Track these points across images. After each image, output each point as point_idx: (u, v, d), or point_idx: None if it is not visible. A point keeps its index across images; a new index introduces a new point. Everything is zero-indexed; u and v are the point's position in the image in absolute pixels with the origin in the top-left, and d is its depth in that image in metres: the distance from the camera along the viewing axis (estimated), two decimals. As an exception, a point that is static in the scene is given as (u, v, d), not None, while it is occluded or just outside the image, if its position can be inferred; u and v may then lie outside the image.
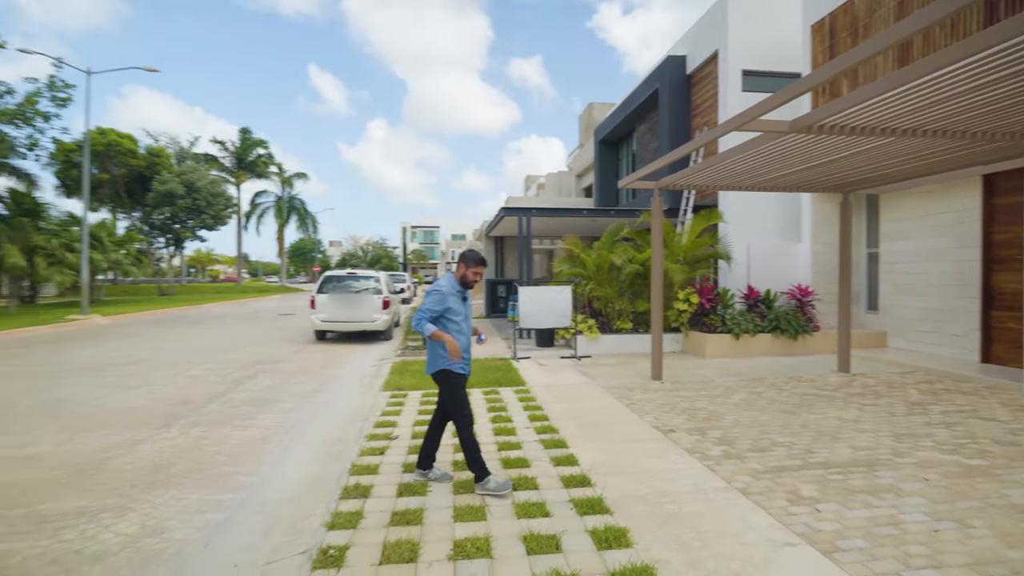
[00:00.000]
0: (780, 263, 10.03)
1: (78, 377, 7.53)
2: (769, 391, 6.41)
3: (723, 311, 9.20)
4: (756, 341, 8.94)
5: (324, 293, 11.49)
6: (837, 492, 3.45)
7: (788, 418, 5.22)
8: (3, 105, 15.42)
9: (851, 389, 6.49)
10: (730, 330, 8.88)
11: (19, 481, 3.79)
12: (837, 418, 5.20)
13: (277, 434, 5.01)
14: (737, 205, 10.80)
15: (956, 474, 3.73)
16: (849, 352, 7.53)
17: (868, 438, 4.57)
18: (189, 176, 28.25)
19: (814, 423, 5.04)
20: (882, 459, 4.05)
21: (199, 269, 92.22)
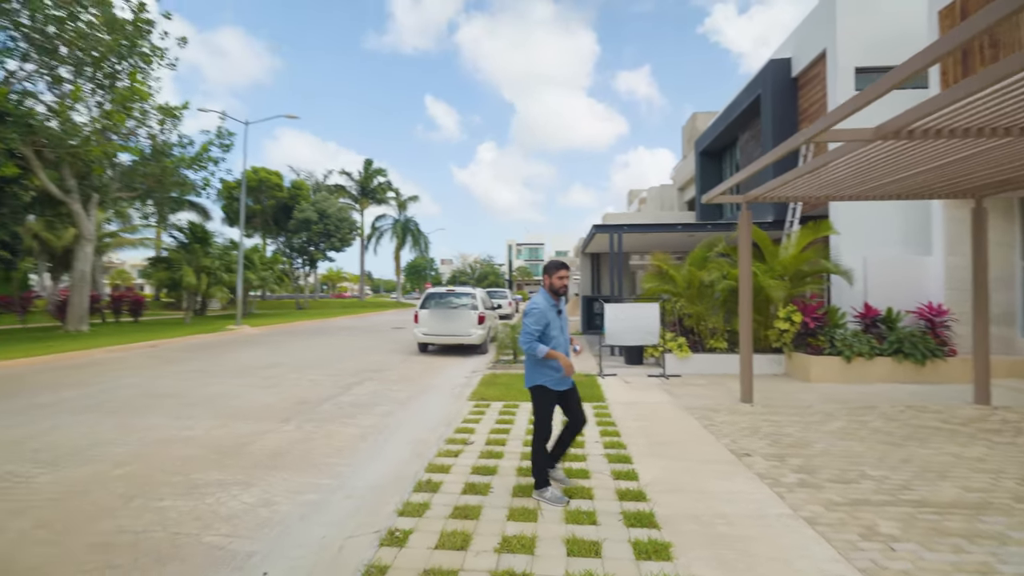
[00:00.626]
0: (905, 278, 8.94)
1: (229, 377, 9.06)
2: (877, 420, 5.80)
3: (832, 331, 8.41)
4: (873, 365, 8.04)
5: (426, 308, 12.48)
6: (923, 532, 3.14)
7: (891, 451, 4.73)
8: (186, 154, 18.96)
9: (985, 424, 5.64)
10: (840, 352, 8.10)
11: (181, 455, 4.79)
12: (954, 455, 4.60)
13: (373, 433, 5.67)
14: (851, 214, 9.85)
15: (1091, 527, 3.19)
16: (988, 381, 6.51)
17: (986, 479, 4.01)
18: (322, 204, 32.19)
19: (922, 458, 4.52)
20: (996, 503, 3.57)
21: (329, 286, 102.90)
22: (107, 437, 5.33)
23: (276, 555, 3.04)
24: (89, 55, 14.75)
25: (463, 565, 2.79)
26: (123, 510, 3.61)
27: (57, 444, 5.07)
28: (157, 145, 17.66)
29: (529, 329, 3.64)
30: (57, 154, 14.49)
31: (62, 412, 6.36)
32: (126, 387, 8.03)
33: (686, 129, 28.25)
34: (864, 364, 8.05)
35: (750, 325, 6.89)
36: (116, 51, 15.34)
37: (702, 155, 17.67)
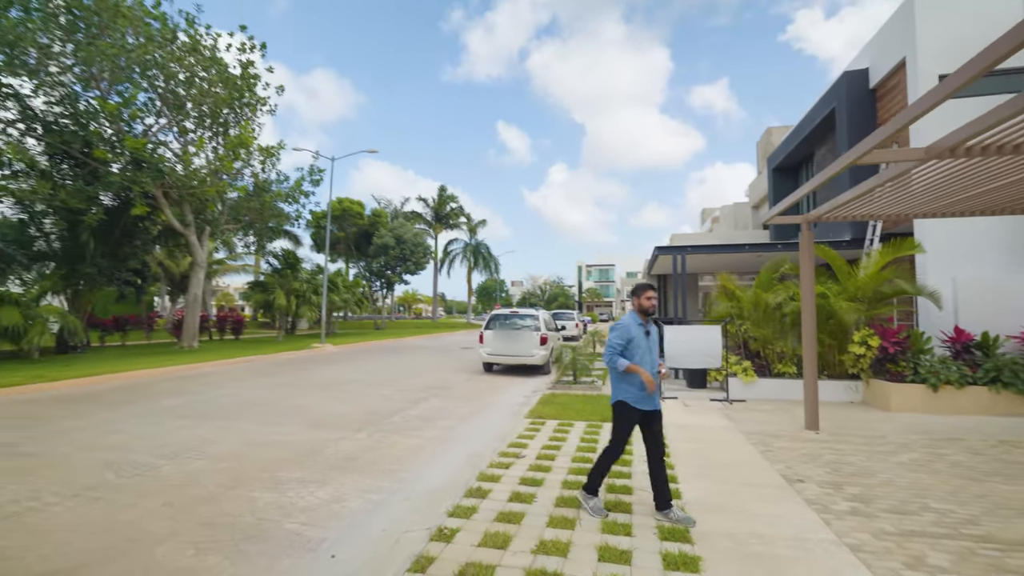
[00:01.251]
0: (1003, 300, 8.16)
1: (312, 390, 10.00)
2: (959, 454, 5.39)
3: (915, 357, 7.83)
4: (964, 395, 7.38)
5: (490, 329, 12.98)
6: (978, 568, 3.01)
7: (967, 485, 4.42)
8: (282, 189, 21.17)
9: (1092, 462, 5.06)
10: (924, 380, 7.52)
11: (269, 456, 5.48)
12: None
13: (434, 444, 6.12)
14: (941, 231, 9.16)
15: None
16: (1102, 415, 5.81)
17: (1073, 519, 3.68)
18: (398, 231, 34.28)
19: (1001, 495, 4.20)
20: (1077, 544, 3.30)
21: (406, 307, 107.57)
22: (211, 438, 6.19)
23: (343, 542, 3.50)
24: (208, 108, 17.12)
25: (500, 562, 3.08)
26: (223, 497, 4.27)
27: (175, 442, 5.98)
28: (259, 182, 19.91)
29: (611, 343, 3.78)
30: (180, 194, 16.84)
31: (177, 416, 7.42)
32: (226, 396, 9.13)
33: (761, 144, 27.20)
34: (954, 393, 7.41)
35: (814, 349, 6.65)
36: (229, 104, 17.68)
37: (775, 172, 17.03)
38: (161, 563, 3.18)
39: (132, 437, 6.17)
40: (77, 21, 14.39)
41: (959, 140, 3.78)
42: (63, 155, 15.48)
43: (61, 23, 14.31)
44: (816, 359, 6.68)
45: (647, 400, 3.78)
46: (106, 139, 15.31)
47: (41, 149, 15.39)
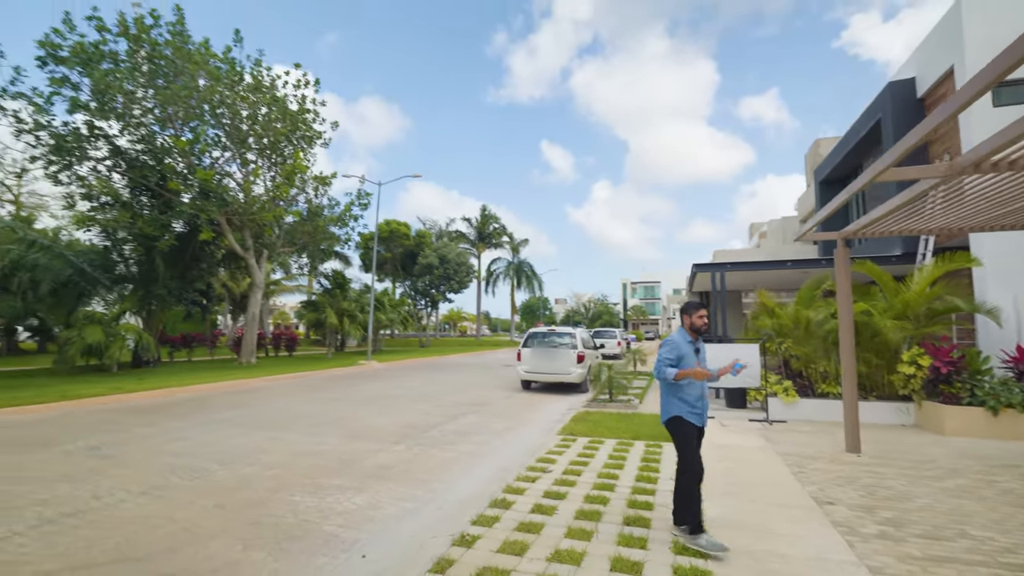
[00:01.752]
0: (1073, 317, 7.59)
1: (356, 404, 10.49)
2: (1013, 481, 5.09)
3: (972, 378, 7.40)
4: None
5: (528, 347, 13.16)
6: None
7: (1015, 513, 4.21)
8: (333, 214, 22.38)
9: None
10: (983, 402, 7.09)
11: (311, 464, 5.88)
12: (1100, 523, 3.96)
13: (466, 458, 6.34)
14: (1000, 244, 8.67)
15: None
16: None
17: None
18: (442, 251, 35.25)
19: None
20: None
21: (451, 325, 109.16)
22: (261, 447, 6.68)
23: (374, 544, 3.77)
24: (269, 141, 18.51)
25: (516, 567, 3.25)
26: (270, 500, 4.65)
27: (229, 449, 6.50)
28: (312, 208, 21.17)
29: (662, 358, 3.76)
30: (241, 220, 18.18)
31: (232, 426, 8.02)
32: (276, 409, 9.74)
33: (809, 157, 26.32)
34: (1016, 417, 6.93)
35: (853, 368, 6.45)
36: (287, 137, 19.05)
37: (822, 184, 16.51)
38: (213, 556, 3.55)
39: (193, 444, 6.75)
40: (157, 69, 16.02)
41: (982, 156, 3.73)
42: (142, 188, 17.13)
43: (144, 71, 15.99)
44: (855, 379, 6.47)
45: (699, 416, 3.74)
46: (178, 172, 16.83)
47: (124, 183, 17.09)
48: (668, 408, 3.80)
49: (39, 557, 3.48)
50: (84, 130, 15.83)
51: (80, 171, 16.15)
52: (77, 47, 14.67)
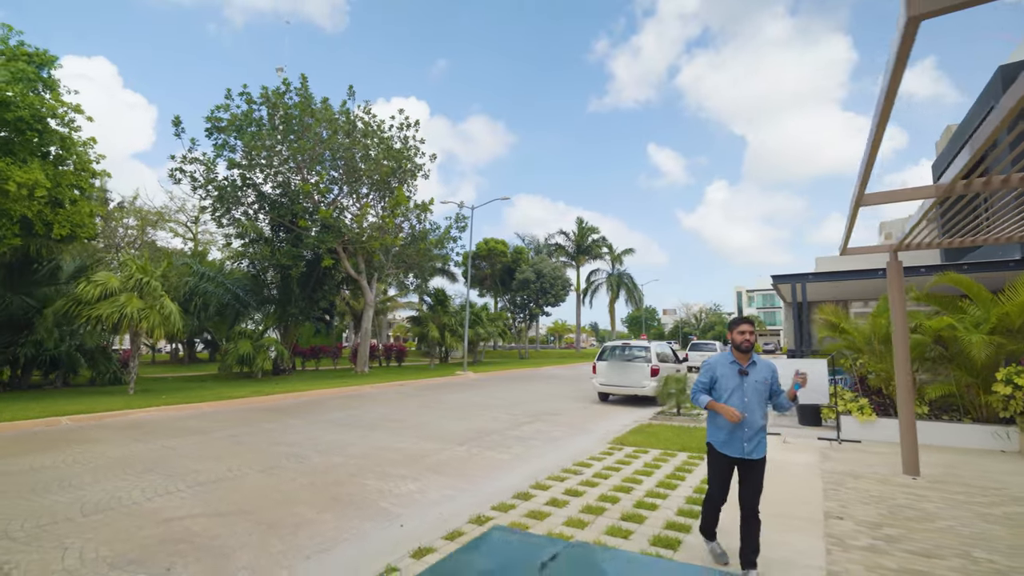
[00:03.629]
0: None
1: (440, 410, 11.79)
2: (1085, 513, 4.65)
3: (1082, 400, 6.53)
4: None
5: (603, 361, 13.59)
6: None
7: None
8: (434, 237, 24.63)
9: None
10: (1093, 428, 6.26)
11: (386, 458, 7.09)
12: None
13: (516, 460, 7.15)
14: None
15: None
16: None
17: None
18: (539, 265, 36.47)
19: (1084, 554, 3.75)
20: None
21: (557, 337, 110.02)
22: (352, 442, 8.10)
23: (411, 517, 4.75)
24: (377, 177, 21.18)
25: (509, 541, 4.00)
26: (347, 482, 5.88)
27: (327, 443, 8.01)
28: (415, 233, 23.56)
29: (697, 381, 3.73)
30: (355, 248, 20.95)
31: (335, 424, 9.66)
32: (373, 413, 11.35)
33: (940, 145, 23.16)
34: None
35: (909, 386, 6.17)
36: (392, 172, 21.61)
37: (941, 181, 14.74)
38: (298, 515, 4.78)
39: (302, 437, 8.39)
40: (289, 127, 19.31)
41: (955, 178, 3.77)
42: (279, 225, 20.59)
43: (280, 129, 19.39)
44: (912, 396, 6.17)
45: (732, 446, 3.49)
46: (306, 210, 19.98)
47: (266, 222, 20.70)
48: (708, 433, 3.74)
49: (189, 505, 4.98)
50: (239, 182, 19.59)
51: (235, 214, 19.95)
52: (233, 118, 18.36)
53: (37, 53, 11.86)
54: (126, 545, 4.02)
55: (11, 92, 10.67)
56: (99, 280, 12.00)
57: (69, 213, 12.50)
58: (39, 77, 11.74)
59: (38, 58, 11.84)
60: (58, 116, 12.11)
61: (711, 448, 3.66)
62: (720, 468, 3.60)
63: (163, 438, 8.17)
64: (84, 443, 7.68)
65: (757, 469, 3.51)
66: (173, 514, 4.73)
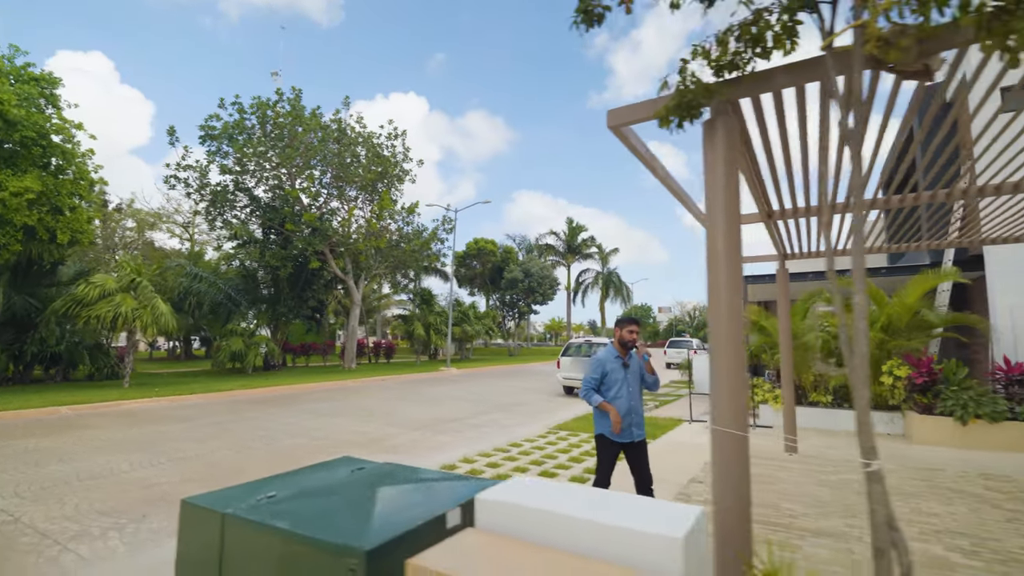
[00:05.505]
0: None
1: (412, 402, 12.80)
2: (898, 480, 5.65)
3: (942, 388, 7.51)
4: (999, 430, 6.95)
5: (567, 356, 14.60)
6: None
7: (841, 497, 4.98)
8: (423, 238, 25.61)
9: None
10: (952, 412, 7.25)
11: (347, 440, 8.08)
12: (913, 508, 4.65)
13: (462, 442, 8.14)
14: (1009, 255, 8.43)
15: None
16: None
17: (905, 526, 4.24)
18: (527, 265, 37.50)
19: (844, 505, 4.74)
20: (834, 531, 4.01)
21: (553, 335, 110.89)
22: (321, 428, 9.11)
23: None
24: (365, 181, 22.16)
25: (420, 497, 5.01)
26: (303, 458, 6.86)
27: (300, 428, 9.01)
28: (401, 235, 24.56)
29: (587, 378, 3.84)
30: (342, 250, 21.96)
31: (310, 413, 10.68)
32: (350, 404, 12.36)
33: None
34: (986, 428, 7.02)
35: (791, 377, 7.15)
36: (379, 176, 22.58)
37: None
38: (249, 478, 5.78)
39: (279, 424, 9.41)
40: (281, 135, 20.30)
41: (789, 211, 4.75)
42: (269, 229, 21.61)
43: (272, 136, 20.38)
44: (792, 386, 7.15)
45: (624, 433, 3.76)
46: (294, 215, 21.00)
47: (257, 225, 21.72)
48: (597, 425, 3.88)
49: (168, 475, 5.99)
50: (231, 187, 20.60)
51: (227, 218, 20.98)
52: (225, 126, 19.36)
53: (43, 76, 12.87)
54: (113, 502, 5.03)
55: (19, 112, 11.67)
56: (97, 282, 13.02)
57: (69, 220, 13.51)
58: (43, 95, 12.74)
59: (44, 80, 12.85)
60: (62, 132, 13.12)
61: (603, 439, 3.82)
62: (611, 456, 3.81)
63: (153, 424, 9.19)
64: (81, 428, 8.70)
65: (643, 448, 3.87)
66: (154, 481, 5.74)
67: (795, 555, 3.62)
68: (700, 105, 2.28)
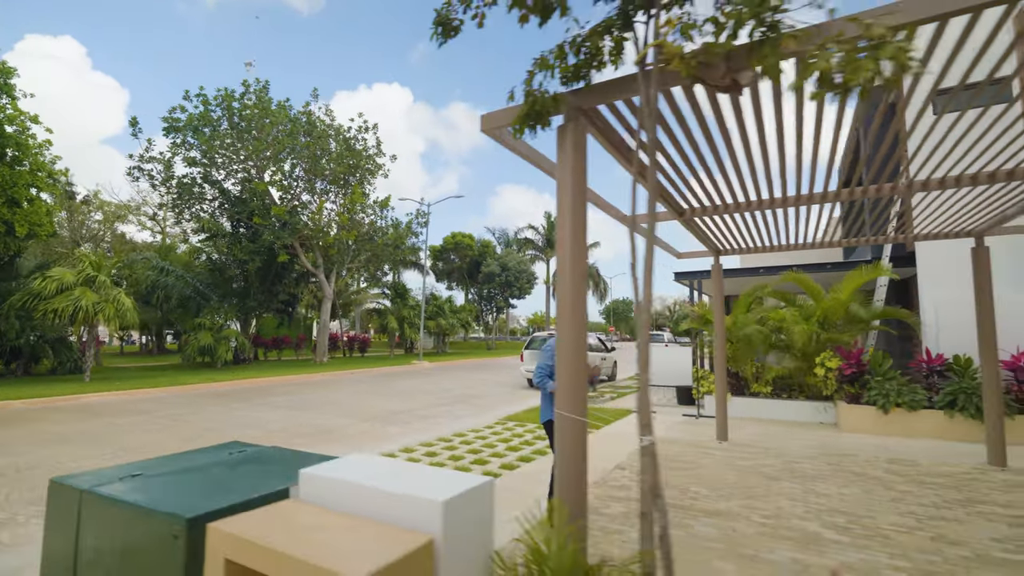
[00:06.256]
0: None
1: (375, 395, 12.94)
2: (807, 463, 5.99)
3: (874, 380, 7.91)
4: (917, 418, 7.37)
5: (529, 349, 14.85)
6: (633, 515, 4.29)
7: (750, 480, 5.29)
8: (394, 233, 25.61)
9: (931, 478, 5.36)
10: (874, 401, 7.65)
11: (300, 431, 8.20)
12: (809, 489, 4.97)
13: (409, 432, 8.33)
14: (935, 252, 8.86)
15: None
16: (1003, 437, 5.81)
17: (766, 504, 4.55)
18: (504, 259, 37.70)
19: (742, 484, 5.06)
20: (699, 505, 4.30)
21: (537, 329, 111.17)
22: (278, 420, 9.22)
23: (289, 472, 5.91)
24: (337, 173, 22.09)
25: (350, 484, 5.20)
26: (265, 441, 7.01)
27: (255, 419, 9.11)
28: (374, 229, 24.54)
29: (541, 365, 3.88)
30: (311, 243, 21.90)
31: (271, 406, 10.77)
32: (312, 397, 12.47)
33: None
34: (905, 416, 7.43)
35: (723, 370, 7.47)
36: (351, 168, 22.52)
37: None
38: (196, 471, 5.92)
39: (235, 417, 9.49)
40: (249, 127, 20.13)
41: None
42: (238, 222, 21.43)
43: (240, 128, 20.19)
44: (725, 379, 7.47)
45: None
46: (263, 208, 20.88)
47: (226, 218, 21.53)
48: (547, 411, 3.95)
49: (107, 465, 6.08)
50: (198, 179, 20.38)
51: (195, 211, 20.77)
52: (189, 118, 19.13)
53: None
54: (45, 491, 5.12)
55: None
56: (54, 275, 12.88)
57: (27, 212, 13.31)
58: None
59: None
60: (16, 124, 12.89)
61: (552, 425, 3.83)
62: None
63: (108, 417, 9.22)
64: (32, 422, 8.70)
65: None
66: (93, 471, 5.83)
67: (686, 532, 3.89)
68: (549, 113, 2.48)
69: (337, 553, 1.59)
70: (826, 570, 3.26)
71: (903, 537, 3.77)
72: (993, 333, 5.98)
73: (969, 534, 3.81)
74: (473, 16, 2.45)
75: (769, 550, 3.55)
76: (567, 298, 2.60)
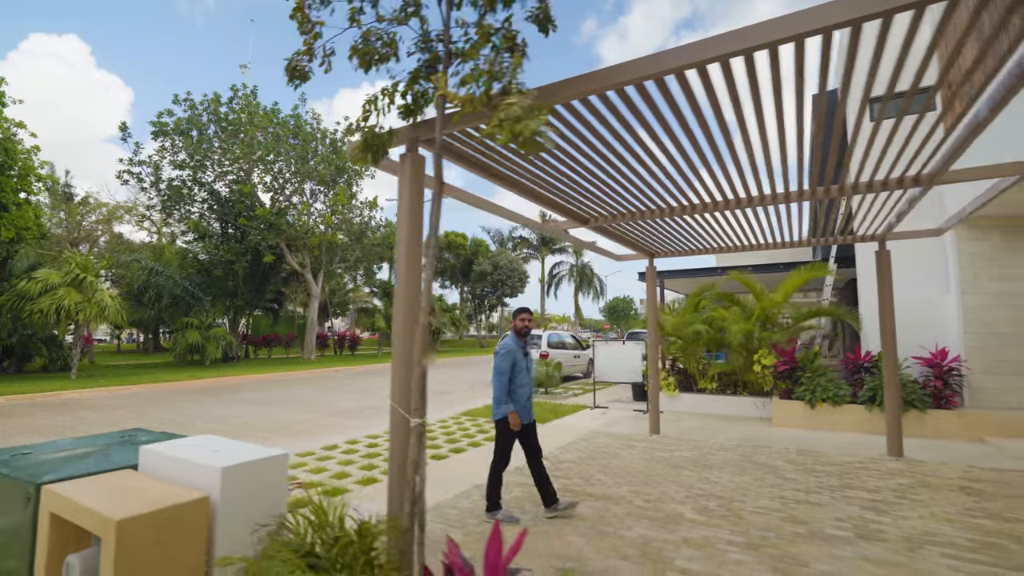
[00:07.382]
0: (920, 322, 8.15)
1: (347, 392, 13.39)
2: (719, 455, 6.39)
3: (804, 376, 8.29)
4: (841, 412, 7.75)
5: (503, 347, 15.26)
6: (526, 499, 4.70)
7: (651, 468, 5.70)
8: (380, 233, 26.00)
9: (824, 468, 5.76)
10: (802, 397, 8.03)
11: (263, 426, 8.65)
12: (704, 478, 5.37)
13: (365, 426, 8.76)
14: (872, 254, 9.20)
15: None
16: (900, 429, 6.20)
17: (645, 489, 4.95)
18: (496, 258, 38.10)
19: (643, 472, 5.46)
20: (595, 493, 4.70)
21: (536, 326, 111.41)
22: (243, 414, 9.68)
23: (235, 462, 6.36)
24: (321, 176, 22.55)
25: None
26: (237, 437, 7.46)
27: (222, 415, 9.57)
28: (360, 229, 25.00)
29: (500, 368, 3.96)
30: (297, 245, 22.39)
31: (243, 402, 11.24)
32: (286, 393, 12.93)
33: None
34: (831, 411, 7.82)
35: (657, 366, 7.87)
36: (338, 169, 22.96)
37: None
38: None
39: (204, 411, 9.97)
40: (236, 131, 20.61)
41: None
42: (226, 223, 21.95)
43: (228, 132, 20.68)
44: (658, 374, 7.88)
45: (525, 415, 4.11)
46: (248, 209, 21.40)
47: (214, 218, 22.04)
48: (498, 411, 4.06)
49: (69, 456, 6.55)
50: (189, 181, 20.90)
51: (184, 212, 21.29)
52: (177, 122, 19.64)
53: (-17, 73, 13.10)
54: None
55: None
56: (39, 277, 13.40)
57: (13, 217, 13.82)
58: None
59: (-15, 78, 13.10)
60: (1, 131, 13.40)
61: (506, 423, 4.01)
62: (512, 439, 4.09)
63: (83, 412, 9.71)
64: (10, 417, 9.20)
65: (534, 426, 4.27)
66: (53, 461, 6.29)
67: (564, 513, 4.30)
68: (384, 147, 2.89)
69: (120, 503, 2.01)
70: (669, 543, 3.66)
71: (756, 518, 4.17)
72: (893, 332, 6.36)
73: (818, 515, 4.21)
74: (320, 63, 2.86)
75: (627, 528, 3.96)
76: (401, 306, 2.94)
